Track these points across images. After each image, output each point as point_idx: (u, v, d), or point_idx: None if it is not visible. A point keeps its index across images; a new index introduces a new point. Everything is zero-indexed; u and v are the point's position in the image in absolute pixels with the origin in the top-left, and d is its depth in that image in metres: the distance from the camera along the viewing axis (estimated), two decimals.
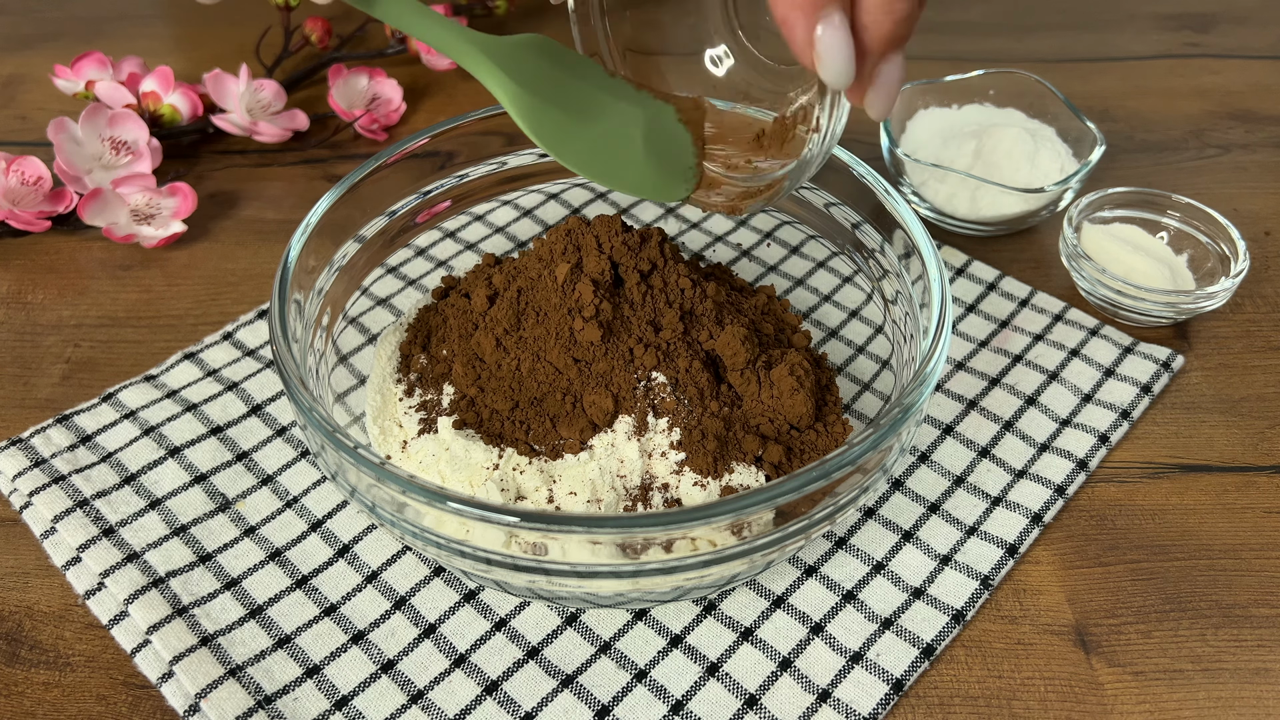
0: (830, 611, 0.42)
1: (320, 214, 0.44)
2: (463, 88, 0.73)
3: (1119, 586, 0.44)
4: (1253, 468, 0.48)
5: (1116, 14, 0.81)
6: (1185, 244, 0.56)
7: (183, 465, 0.47)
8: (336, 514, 0.45)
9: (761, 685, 0.40)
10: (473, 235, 0.56)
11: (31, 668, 0.41)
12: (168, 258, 0.59)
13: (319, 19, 0.72)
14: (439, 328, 0.48)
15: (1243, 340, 0.54)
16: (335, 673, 0.40)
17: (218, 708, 0.39)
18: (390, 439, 0.45)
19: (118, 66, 0.67)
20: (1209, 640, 0.42)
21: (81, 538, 0.43)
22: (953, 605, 0.42)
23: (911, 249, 0.43)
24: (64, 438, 0.47)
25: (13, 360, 0.53)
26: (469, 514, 0.34)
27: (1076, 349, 0.52)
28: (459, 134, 0.49)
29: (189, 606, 0.42)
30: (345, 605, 0.42)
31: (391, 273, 0.52)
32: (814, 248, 0.55)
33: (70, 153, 0.59)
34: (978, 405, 0.50)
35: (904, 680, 0.40)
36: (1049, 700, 0.40)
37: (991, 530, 0.45)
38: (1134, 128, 0.69)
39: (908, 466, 0.47)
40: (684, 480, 0.41)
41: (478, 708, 0.39)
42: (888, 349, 0.47)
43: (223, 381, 0.50)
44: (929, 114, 0.62)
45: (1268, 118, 0.70)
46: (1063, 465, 0.47)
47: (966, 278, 0.56)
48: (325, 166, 0.66)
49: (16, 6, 0.81)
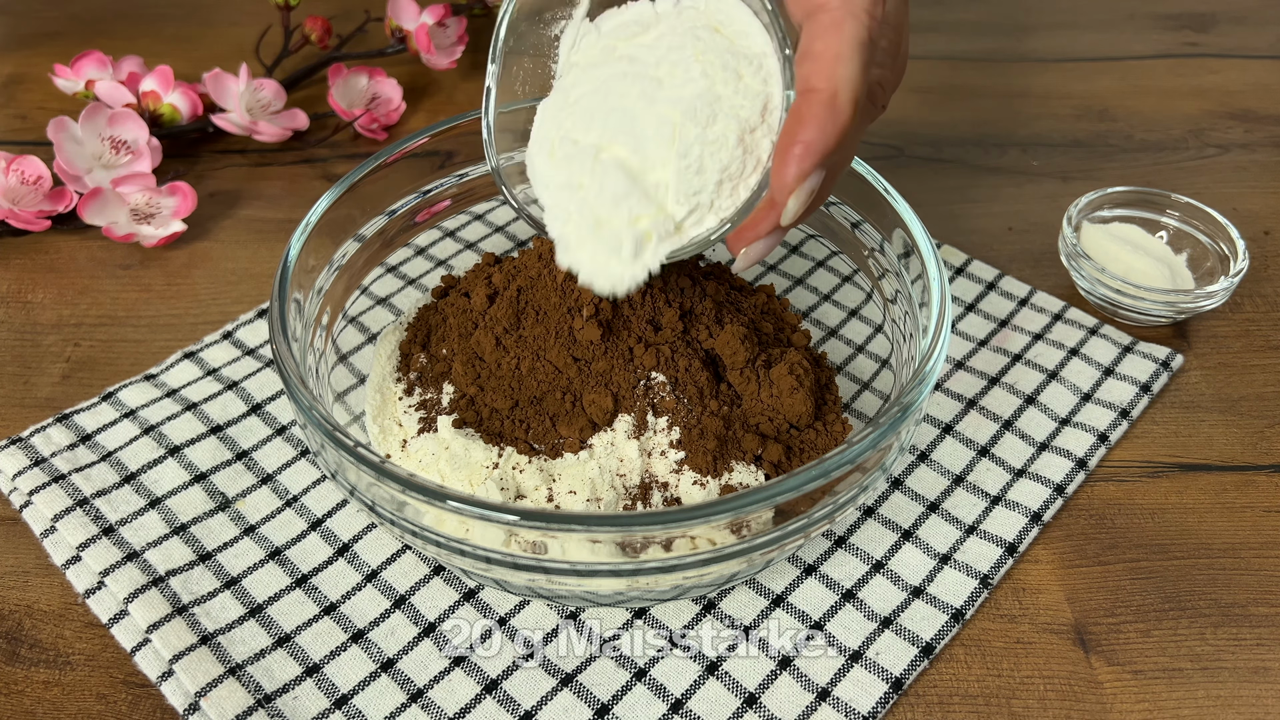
0: (830, 610, 0.42)
1: (320, 213, 0.44)
2: (463, 87, 0.73)
3: (1118, 585, 0.44)
4: (1252, 467, 0.48)
5: (1116, 14, 0.81)
6: (1185, 243, 0.56)
7: (182, 464, 0.47)
8: (336, 513, 0.45)
9: (761, 684, 0.40)
10: (472, 234, 0.56)
11: (31, 666, 0.41)
12: (168, 257, 0.59)
13: (319, 18, 0.72)
14: (439, 327, 0.48)
15: (1242, 339, 0.54)
16: (335, 671, 0.40)
17: (217, 706, 0.39)
18: (390, 438, 0.45)
19: (118, 66, 0.67)
20: (1208, 639, 0.42)
21: (81, 537, 0.43)
22: (952, 604, 0.42)
23: (911, 248, 0.43)
24: (64, 437, 0.47)
25: (13, 359, 0.53)
26: (469, 513, 0.34)
27: (1076, 348, 0.52)
28: (459, 133, 0.49)
29: (189, 605, 0.42)
30: (345, 604, 0.42)
31: (391, 272, 0.52)
32: (813, 247, 0.55)
33: (70, 152, 0.59)
34: (977, 404, 0.50)
35: (903, 679, 0.40)
36: (1048, 699, 0.40)
37: (991, 529, 0.45)
38: (1134, 127, 0.69)
39: (907, 465, 0.47)
40: (683, 479, 0.41)
41: (477, 706, 0.39)
42: (887, 348, 0.47)
43: (222, 380, 0.50)
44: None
45: (1267, 117, 0.70)
46: (1062, 464, 0.47)
47: (966, 277, 0.56)
48: (325, 166, 0.66)
49: (16, 6, 0.81)
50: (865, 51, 0.34)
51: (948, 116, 0.70)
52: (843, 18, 0.34)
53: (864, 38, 0.34)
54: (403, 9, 0.72)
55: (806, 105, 0.34)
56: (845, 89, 0.34)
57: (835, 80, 0.34)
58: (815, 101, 0.34)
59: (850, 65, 0.34)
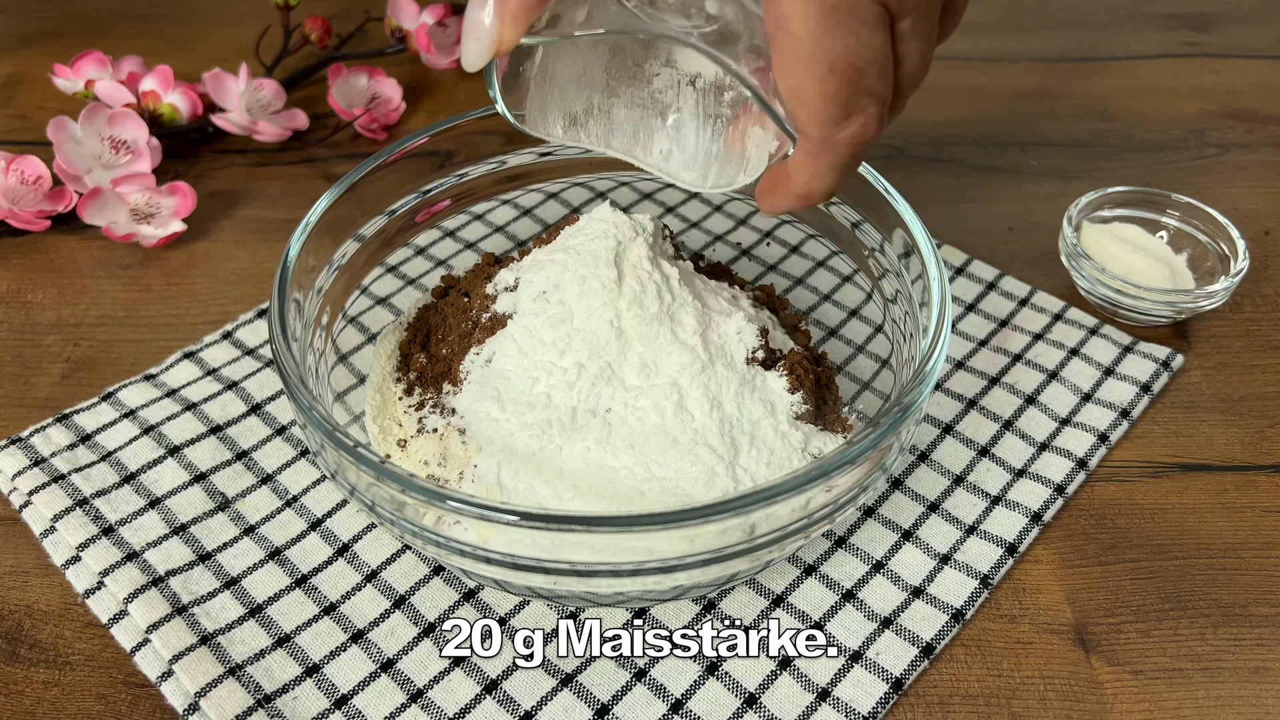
0: (830, 610, 0.42)
1: (320, 213, 0.44)
2: (462, 87, 0.73)
3: (1118, 585, 0.44)
4: (1252, 467, 0.48)
5: (1116, 14, 0.81)
6: (1185, 243, 0.56)
7: (182, 464, 0.47)
8: (336, 513, 0.45)
9: (761, 684, 0.40)
10: (472, 234, 0.56)
11: (31, 666, 0.41)
12: (167, 257, 0.59)
13: (318, 18, 0.72)
14: (439, 327, 0.48)
15: (1242, 339, 0.54)
16: (335, 672, 0.40)
17: (217, 706, 0.39)
18: (389, 438, 0.45)
19: (117, 66, 0.67)
20: (1208, 639, 0.42)
21: (81, 537, 0.43)
22: (952, 604, 0.42)
23: (911, 248, 0.43)
24: (64, 437, 0.47)
25: (13, 359, 0.53)
26: (469, 513, 0.34)
27: (1076, 348, 0.52)
28: (458, 133, 0.49)
29: (188, 605, 0.42)
30: (345, 604, 0.42)
31: (391, 272, 0.52)
32: (814, 247, 0.55)
33: (70, 152, 0.59)
34: (977, 404, 0.50)
35: (903, 679, 0.40)
36: (1048, 699, 0.40)
37: (991, 529, 0.45)
38: (1134, 127, 0.69)
39: (907, 465, 0.47)
40: None
41: (477, 706, 0.39)
42: (887, 348, 0.47)
43: (222, 380, 0.50)
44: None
45: (1267, 117, 0.70)
46: (1062, 464, 0.47)
47: (966, 277, 0.56)
48: (325, 166, 0.66)
49: (16, 6, 0.81)
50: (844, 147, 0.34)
51: (948, 116, 0.70)
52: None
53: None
54: (403, 9, 0.72)
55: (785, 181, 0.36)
56: (820, 192, 0.35)
57: (811, 185, 0.35)
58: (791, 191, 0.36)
59: (825, 180, 0.35)
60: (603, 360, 0.41)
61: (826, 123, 0.33)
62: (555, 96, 0.40)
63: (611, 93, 0.39)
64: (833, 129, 0.33)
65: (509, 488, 0.40)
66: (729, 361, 0.42)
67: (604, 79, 0.39)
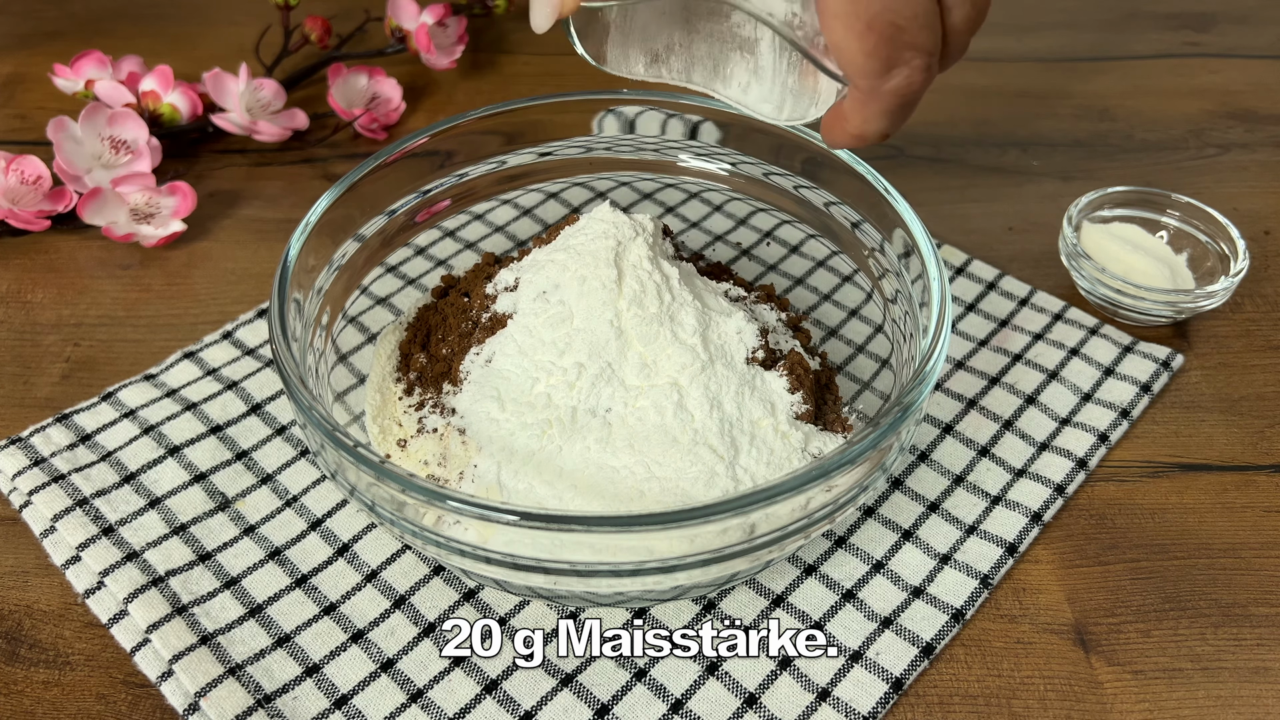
0: (830, 610, 0.42)
1: (320, 213, 0.44)
2: (462, 87, 0.73)
3: (1118, 585, 0.44)
4: (1252, 467, 0.48)
5: (1116, 14, 0.81)
6: (1185, 243, 0.56)
7: (182, 464, 0.47)
8: (336, 513, 0.45)
9: (761, 684, 0.40)
10: (472, 234, 0.56)
11: (31, 666, 0.41)
12: (167, 257, 0.59)
13: (318, 18, 0.72)
14: (439, 327, 0.48)
15: (1242, 339, 0.54)
16: (335, 672, 0.40)
17: (217, 706, 0.39)
18: (389, 438, 0.45)
19: (117, 66, 0.67)
20: (1208, 639, 0.42)
21: (81, 537, 0.43)
22: (952, 604, 0.42)
23: (911, 248, 0.43)
24: (64, 437, 0.47)
25: (13, 359, 0.53)
26: (469, 513, 0.34)
27: (1076, 348, 0.52)
28: (458, 133, 0.49)
29: (188, 605, 0.42)
30: (345, 604, 0.42)
31: (391, 272, 0.51)
32: (814, 247, 0.55)
33: (70, 152, 0.59)
34: (977, 404, 0.50)
35: (903, 679, 0.40)
36: (1048, 699, 0.40)
37: (991, 529, 0.45)
38: (1134, 127, 0.69)
39: (907, 465, 0.47)
40: None
41: (477, 706, 0.39)
42: (887, 348, 0.47)
43: (222, 380, 0.50)
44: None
45: (1267, 117, 0.70)
46: (1062, 464, 0.47)
47: (966, 277, 0.56)
48: (325, 166, 0.66)
49: (16, 6, 0.81)
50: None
51: (948, 116, 0.70)
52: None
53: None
54: (403, 9, 0.72)
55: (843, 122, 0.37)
56: (874, 134, 0.37)
57: (863, 129, 0.37)
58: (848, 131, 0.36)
59: (875, 124, 0.36)
60: (603, 360, 0.41)
61: (869, 75, 0.34)
62: (637, 35, 0.41)
63: (692, 29, 0.40)
64: (876, 81, 0.34)
65: (509, 488, 0.40)
66: (729, 361, 0.42)
67: (683, 15, 0.40)
